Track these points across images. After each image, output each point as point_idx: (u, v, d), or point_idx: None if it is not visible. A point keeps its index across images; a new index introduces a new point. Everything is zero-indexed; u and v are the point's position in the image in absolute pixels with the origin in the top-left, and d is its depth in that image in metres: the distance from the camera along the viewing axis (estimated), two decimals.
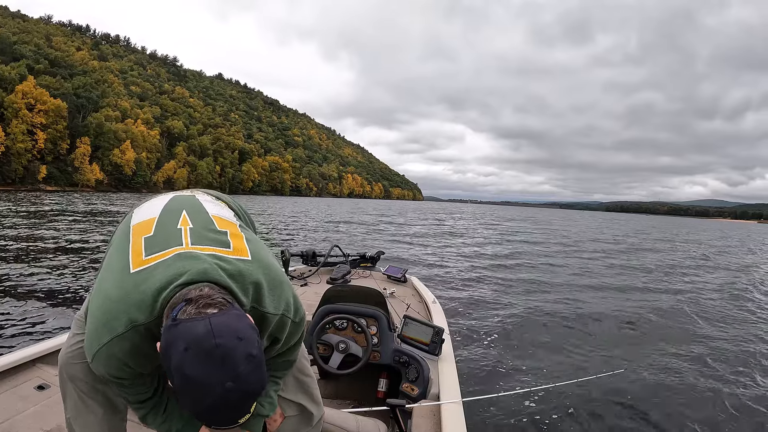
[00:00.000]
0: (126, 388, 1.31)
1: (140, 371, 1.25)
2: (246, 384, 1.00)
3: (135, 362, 1.21)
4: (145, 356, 1.20)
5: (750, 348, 6.53)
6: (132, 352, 1.18)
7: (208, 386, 0.97)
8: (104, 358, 1.19)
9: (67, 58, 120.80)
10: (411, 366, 2.56)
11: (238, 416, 1.05)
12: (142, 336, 1.17)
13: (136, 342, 1.17)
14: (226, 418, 1.04)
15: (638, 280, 12.47)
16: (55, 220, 20.99)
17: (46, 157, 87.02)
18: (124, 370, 1.22)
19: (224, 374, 0.98)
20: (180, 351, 0.98)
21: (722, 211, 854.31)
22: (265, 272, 1.29)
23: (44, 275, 8.84)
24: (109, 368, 1.21)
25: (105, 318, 1.18)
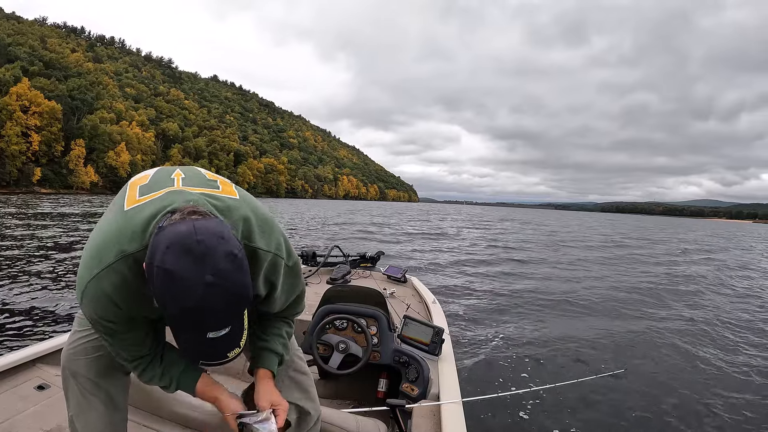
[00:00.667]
0: (118, 337, 1.28)
1: (130, 315, 1.24)
2: (227, 281, 0.99)
3: (124, 300, 1.19)
4: (135, 294, 1.18)
5: (751, 347, 6.56)
6: (121, 287, 1.17)
7: (188, 280, 0.96)
8: (93, 293, 1.18)
9: (61, 60, 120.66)
10: (411, 366, 2.55)
11: (228, 344, 1.07)
12: (132, 268, 1.15)
13: (125, 274, 1.16)
14: (215, 347, 1.06)
15: (639, 281, 12.44)
16: (52, 222, 20.91)
17: (40, 159, 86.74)
18: (113, 311, 1.20)
19: (204, 268, 0.97)
20: (162, 250, 0.98)
21: (717, 211, 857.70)
22: (253, 210, 1.30)
23: (44, 275, 8.81)
24: (98, 307, 1.20)
25: (96, 250, 1.18)
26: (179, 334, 1.06)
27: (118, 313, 1.21)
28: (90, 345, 1.50)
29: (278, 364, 1.51)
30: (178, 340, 1.08)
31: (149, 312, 1.26)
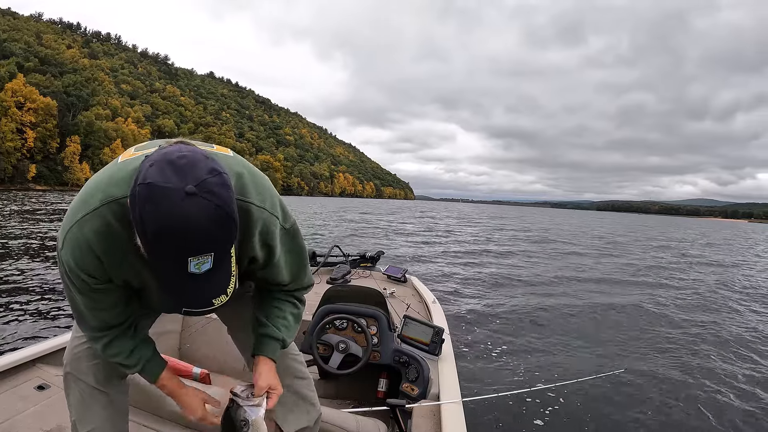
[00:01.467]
0: (90, 297, 1.23)
1: (109, 274, 1.19)
2: (209, 194, 0.92)
3: (106, 251, 1.14)
4: (117, 246, 1.12)
5: (751, 347, 6.60)
6: (104, 234, 1.12)
7: (167, 190, 0.90)
8: (74, 238, 1.14)
9: (57, 56, 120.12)
10: (411, 366, 2.55)
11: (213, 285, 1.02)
12: (117, 215, 1.10)
13: (109, 220, 1.10)
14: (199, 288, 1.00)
15: (640, 281, 12.49)
16: (49, 219, 20.87)
17: (35, 156, 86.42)
18: (92, 263, 1.15)
19: (186, 179, 0.92)
20: (145, 169, 0.94)
21: (713, 210, 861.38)
22: (246, 167, 1.26)
23: (43, 275, 8.80)
24: (77, 256, 1.15)
25: (82, 197, 1.15)
26: (160, 271, 0.99)
27: (97, 266, 1.16)
28: (91, 349, 1.47)
29: (281, 347, 1.50)
30: (160, 283, 1.04)
31: (130, 275, 1.22)
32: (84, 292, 1.22)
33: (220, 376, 2.81)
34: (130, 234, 1.04)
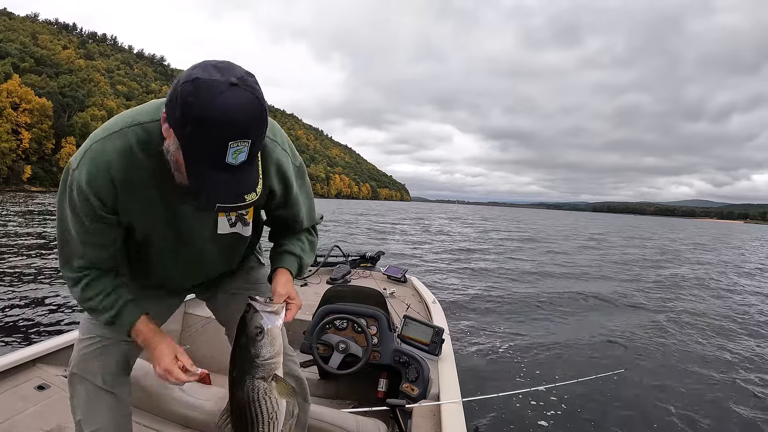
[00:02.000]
0: (88, 228, 1.24)
1: (120, 204, 1.23)
2: (249, 87, 1.00)
3: (123, 175, 1.17)
4: (135, 172, 1.18)
5: (750, 345, 6.62)
6: (124, 157, 1.16)
7: (213, 81, 0.96)
8: (94, 156, 1.17)
9: (53, 57, 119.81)
10: (411, 366, 2.55)
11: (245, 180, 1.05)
12: (140, 139, 1.16)
13: (131, 144, 1.16)
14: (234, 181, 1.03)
15: (640, 282, 12.47)
16: (47, 220, 20.80)
17: (30, 157, 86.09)
18: (105, 187, 1.18)
19: (228, 74, 0.98)
20: (186, 73, 1.00)
21: (708, 211, 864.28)
22: None
23: (42, 275, 8.78)
24: (92, 174, 1.16)
25: (105, 125, 1.21)
26: (196, 162, 1.01)
27: (109, 191, 1.19)
28: (98, 350, 1.48)
29: (298, 269, 1.49)
30: (192, 176, 1.03)
31: (138, 215, 1.27)
32: (84, 220, 1.22)
33: (220, 376, 2.81)
34: (152, 164, 1.15)
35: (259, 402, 1.22)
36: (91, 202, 1.19)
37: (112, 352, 1.48)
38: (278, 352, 1.23)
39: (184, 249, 1.43)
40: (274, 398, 1.24)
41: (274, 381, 1.23)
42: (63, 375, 2.36)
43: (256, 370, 1.21)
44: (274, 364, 1.23)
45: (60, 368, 2.45)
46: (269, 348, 1.21)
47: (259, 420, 1.24)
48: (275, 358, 1.23)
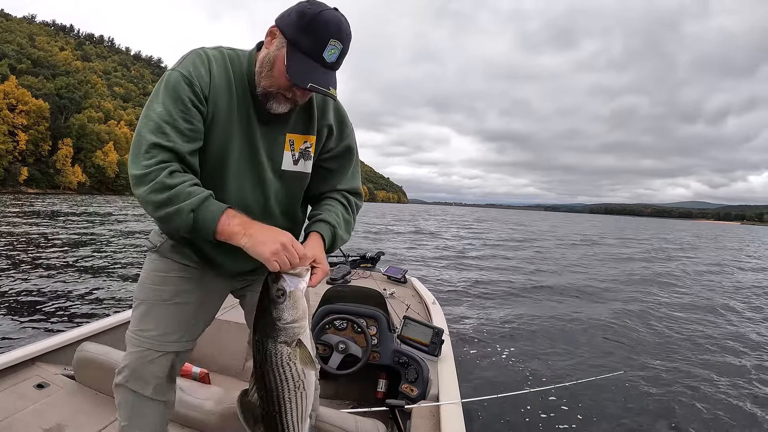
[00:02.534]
0: (181, 108, 1.28)
1: (211, 100, 1.33)
2: (347, 23, 1.28)
3: (217, 68, 1.35)
4: (226, 72, 1.36)
5: (749, 347, 6.63)
6: (220, 57, 1.37)
7: (324, 4, 1.26)
8: (197, 53, 1.35)
9: (50, 58, 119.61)
10: (410, 367, 2.55)
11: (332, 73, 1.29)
12: (230, 55, 1.39)
13: (224, 53, 1.39)
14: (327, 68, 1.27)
15: (639, 283, 12.47)
16: (44, 221, 20.76)
17: (27, 158, 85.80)
18: (203, 77, 1.32)
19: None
20: None
21: (705, 213, 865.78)
22: None
23: (42, 275, 8.78)
24: (195, 63, 1.32)
25: None
26: (299, 52, 1.25)
27: (205, 81, 1.32)
28: (147, 361, 1.49)
29: (331, 239, 1.46)
30: (292, 61, 1.26)
31: (219, 116, 1.35)
32: (177, 104, 1.27)
33: (220, 375, 2.81)
34: (237, 80, 1.37)
35: (283, 367, 1.18)
36: (184, 86, 1.28)
37: (161, 362, 1.49)
38: (301, 316, 1.19)
39: (253, 181, 1.45)
40: (300, 366, 1.20)
41: (298, 347, 1.19)
42: (62, 374, 2.36)
43: (278, 333, 1.17)
44: (297, 329, 1.19)
45: (59, 367, 2.44)
46: (291, 311, 1.18)
47: (284, 387, 1.20)
48: (298, 323, 1.19)
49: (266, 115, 1.41)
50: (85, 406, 2.14)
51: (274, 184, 1.49)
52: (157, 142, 1.23)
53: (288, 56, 1.26)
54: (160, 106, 1.27)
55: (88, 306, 6.83)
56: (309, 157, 1.52)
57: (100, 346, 2.29)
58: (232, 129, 1.38)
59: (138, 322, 1.51)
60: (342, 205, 1.57)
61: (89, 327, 2.80)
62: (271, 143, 1.45)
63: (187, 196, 1.21)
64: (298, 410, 1.23)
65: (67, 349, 2.52)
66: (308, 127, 1.50)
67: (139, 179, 1.22)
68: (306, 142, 1.50)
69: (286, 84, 1.30)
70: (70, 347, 2.49)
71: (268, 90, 1.35)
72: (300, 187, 1.56)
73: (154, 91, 1.32)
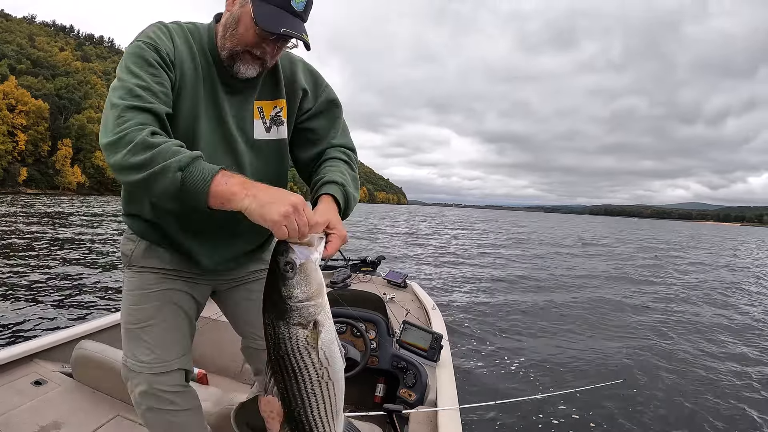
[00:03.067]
0: (150, 71, 1.21)
1: (177, 65, 1.29)
2: None
3: (179, 39, 1.31)
4: (187, 44, 1.33)
5: (750, 356, 6.57)
6: (180, 30, 1.34)
7: None
8: (157, 25, 1.32)
9: (49, 59, 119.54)
10: (409, 371, 2.55)
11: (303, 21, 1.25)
12: (189, 28, 1.36)
13: (186, 32, 1.35)
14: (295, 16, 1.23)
15: (641, 290, 12.39)
16: (44, 221, 20.81)
17: (26, 159, 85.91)
18: (166, 43, 1.27)
19: None
20: None
21: (705, 214, 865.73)
22: None
23: (41, 272, 8.83)
24: (156, 32, 1.28)
25: None
26: (266, 3, 1.21)
27: (169, 48, 1.27)
28: (154, 375, 1.44)
29: (343, 198, 1.30)
30: (260, 11, 1.21)
31: (184, 89, 1.30)
32: (144, 67, 1.21)
33: (217, 376, 2.81)
34: (198, 52, 1.34)
35: (301, 354, 1.02)
36: (158, 48, 1.24)
37: (168, 378, 1.45)
38: (316, 293, 1.03)
39: (226, 154, 1.39)
40: (322, 352, 1.03)
41: (316, 329, 1.03)
42: (60, 371, 2.37)
43: (290, 315, 1.01)
44: (312, 307, 1.02)
45: (57, 364, 2.45)
46: (304, 287, 1.01)
47: (305, 377, 1.04)
48: (313, 300, 1.02)
49: (233, 83, 1.36)
50: (82, 403, 2.14)
51: (248, 155, 1.42)
52: (132, 104, 1.12)
53: (255, 8, 1.20)
54: (126, 73, 1.19)
55: (86, 304, 6.86)
56: (281, 122, 1.46)
57: (98, 344, 2.29)
58: (199, 101, 1.32)
59: (131, 348, 1.46)
60: (343, 162, 1.45)
61: (88, 325, 2.81)
62: (239, 113, 1.40)
63: (174, 154, 1.05)
64: (326, 404, 1.07)
65: (66, 347, 2.53)
66: (276, 92, 1.44)
67: (114, 144, 1.07)
68: (276, 107, 1.44)
69: (254, 39, 1.25)
70: (69, 345, 2.50)
71: (233, 50, 1.28)
72: (279, 156, 1.49)
73: (118, 66, 1.24)
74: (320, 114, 1.51)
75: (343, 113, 1.57)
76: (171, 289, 1.50)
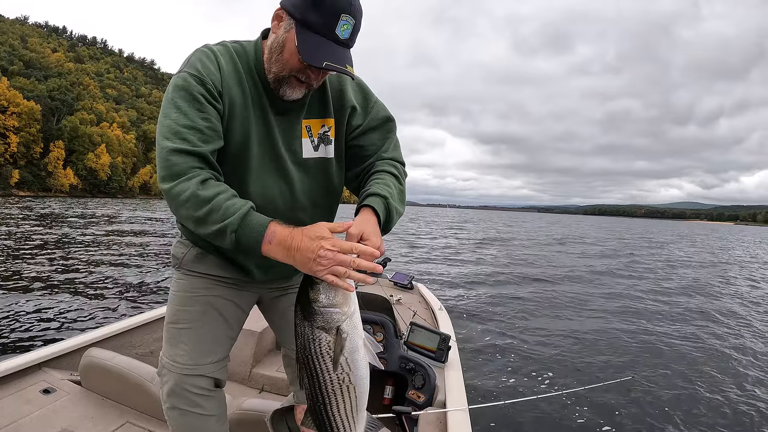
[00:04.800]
0: (198, 108, 1.24)
1: (225, 92, 1.29)
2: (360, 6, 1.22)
3: (226, 63, 1.31)
4: (234, 66, 1.32)
5: (758, 355, 6.59)
6: (226, 53, 1.32)
7: None
8: (202, 51, 1.31)
9: (42, 60, 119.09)
10: (417, 373, 2.54)
11: (347, 50, 1.23)
12: (236, 49, 1.35)
13: (229, 47, 1.34)
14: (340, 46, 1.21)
15: (649, 290, 12.42)
16: (45, 225, 20.70)
17: (18, 161, 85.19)
18: (213, 73, 1.27)
19: None
20: None
21: (699, 213, 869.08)
22: None
23: (47, 278, 8.80)
24: (203, 61, 1.28)
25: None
26: (310, 32, 1.19)
27: (216, 78, 1.27)
28: (189, 382, 1.45)
29: (385, 211, 1.31)
30: (303, 43, 1.20)
31: (234, 110, 1.31)
32: (193, 104, 1.23)
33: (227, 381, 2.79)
34: (245, 72, 1.33)
35: (323, 356, 1.09)
36: (203, 81, 1.25)
37: (200, 381, 1.46)
38: (341, 301, 1.10)
39: (276, 174, 1.41)
40: (344, 358, 1.09)
41: (338, 336, 1.09)
42: (69, 379, 2.36)
43: (314, 318, 1.09)
44: (336, 314, 1.09)
45: (66, 372, 2.44)
46: (329, 293, 1.09)
47: (326, 378, 1.11)
48: (338, 308, 1.09)
49: (280, 104, 1.37)
50: (91, 411, 2.13)
51: (296, 174, 1.44)
52: (179, 147, 1.18)
53: (299, 36, 1.19)
54: (173, 110, 1.22)
55: (94, 311, 6.83)
56: (329, 141, 1.46)
57: (106, 352, 2.29)
58: (249, 125, 1.34)
59: (169, 347, 1.48)
60: (391, 175, 1.44)
61: (96, 333, 2.79)
62: (288, 133, 1.41)
63: (225, 214, 1.15)
64: (346, 405, 1.13)
65: (74, 355, 2.53)
66: (324, 110, 1.44)
67: (169, 194, 1.19)
68: (324, 126, 1.45)
69: (298, 65, 1.25)
70: (77, 353, 2.51)
71: (279, 75, 1.29)
72: (326, 174, 1.50)
73: (166, 97, 1.26)
74: (371, 130, 1.50)
75: (396, 129, 1.56)
76: (217, 296, 1.51)
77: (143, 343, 2.95)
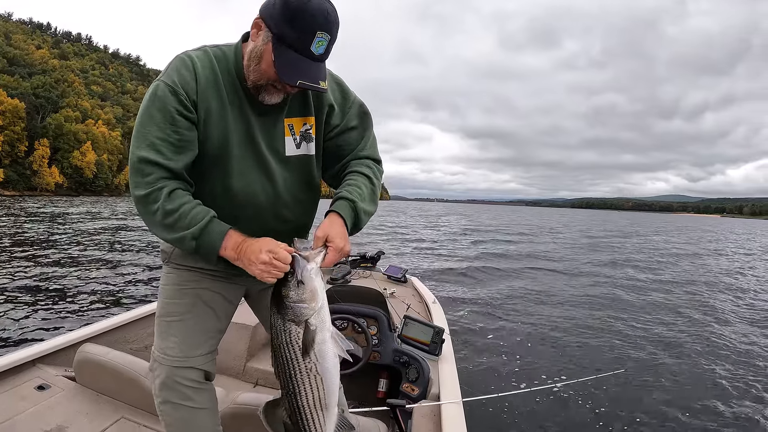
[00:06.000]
0: (173, 124, 1.30)
1: (200, 102, 1.34)
2: (330, 2, 1.25)
3: (206, 75, 1.35)
4: (213, 72, 1.36)
5: (749, 347, 6.63)
6: (206, 59, 1.37)
7: None
8: (180, 59, 1.35)
9: (26, 57, 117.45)
10: (411, 366, 2.56)
11: (322, 66, 1.29)
12: (216, 54, 1.38)
13: (211, 58, 1.37)
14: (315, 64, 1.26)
15: (639, 280, 12.56)
16: (34, 223, 20.66)
17: (3, 160, 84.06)
18: (190, 84, 1.32)
19: None
20: None
21: (686, 206, 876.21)
22: None
23: (42, 276, 8.84)
24: (180, 72, 1.32)
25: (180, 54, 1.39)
26: (286, 46, 1.23)
27: (193, 87, 1.32)
28: (179, 374, 1.48)
29: (352, 215, 1.42)
30: (279, 58, 1.24)
31: (213, 115, 1.36)
32: (166, 117, 1.30)
33: (221, 376, 2.80)
34: (225, 76, 1.37)
35: (292, 346, 1.22)
36: (173, 101, 1.30)
37: (190, 373, 1.50)
38: (309, 298, 1.22)
39: (258, 172, 1.46)
40: (312, 349, 1.23)
41: (306, 329, 1.22)
42: (63, 375, 2.36)
43: (285, 311, 1.22)
44: (304, 309, 1.22)
45: (60, 368, 2.43)
46: (297, 290, 1.21)
47: (294, 367, 1.23)
48: (306, 303, 1.22)
49: (260, 105, 1.41)
50: (86, 407, 2.13)
51: (279, 171, 1.49)
52: (150, 158, 1.28)
53: (275, 52, 1.25)
54: (148, 119, 1.30)
55: (88, 307, 6.83)
56: (311, 139, 1.52)
57: (100, 348, 2.28)
58: (227, 127, 1.39)
59: (160, 340, 1.52)
60: (364, 176, 1.53)
61: (90, 328, 2.78)
62: (270, 132, 1.46)
63: (190, 222, 1.29)
64: (313, 395, 1.25)
65: (68, 351, 2.52)
66: (305, 109, 1.49)
67: (140, 201, 1.31)
68: (306, 124, 1.50)
69: (275, 77, 1.30)
70: (71, 348, 2.49)
71: (257, 83, 1.35)
72: (307, 170, 1.55)
73: (143, 105, 1.33)
74: (349, 130, 1.56)
75: (373, 125, 1.62)
76: (205, 288, 1.55)
77: (137, 339, 2.94)
